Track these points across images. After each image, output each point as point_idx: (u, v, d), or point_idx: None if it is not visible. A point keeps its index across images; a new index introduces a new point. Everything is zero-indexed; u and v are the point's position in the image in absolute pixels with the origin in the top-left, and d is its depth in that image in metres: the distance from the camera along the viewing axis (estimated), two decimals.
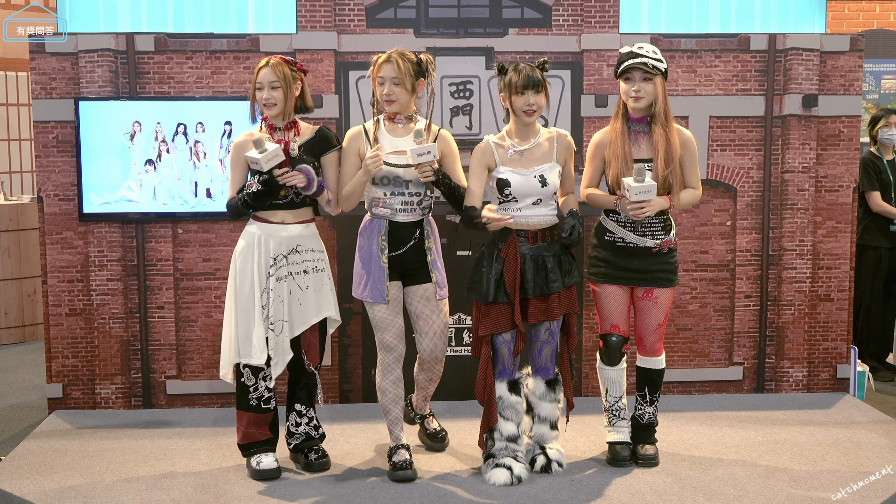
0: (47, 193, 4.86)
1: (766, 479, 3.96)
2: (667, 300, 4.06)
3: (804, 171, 5.13)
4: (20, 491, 3.85)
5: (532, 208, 3.85)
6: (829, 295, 5.19)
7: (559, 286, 3.85)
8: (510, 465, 3.90)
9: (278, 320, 3.89)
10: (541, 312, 3.86)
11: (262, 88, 3.85)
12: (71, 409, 4.92)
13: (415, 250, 3.93)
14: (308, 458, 4.05)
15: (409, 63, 3.83)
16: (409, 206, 3.89)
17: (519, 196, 3.83)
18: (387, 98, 3.84)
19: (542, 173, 3.83)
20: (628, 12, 5.16)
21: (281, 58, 3.90)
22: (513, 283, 3.79)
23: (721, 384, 5.20)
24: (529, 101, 3.75)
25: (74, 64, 4.80)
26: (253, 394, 3.95)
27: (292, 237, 3.93)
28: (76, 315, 4.91)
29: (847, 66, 5.10)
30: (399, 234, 3.92)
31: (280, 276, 3.89)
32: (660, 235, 3.99)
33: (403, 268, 3.96)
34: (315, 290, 3.97)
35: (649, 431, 4.18)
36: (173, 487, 3.89)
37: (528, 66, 3.77)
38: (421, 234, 3.94)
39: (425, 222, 3.96)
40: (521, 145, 3.86)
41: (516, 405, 3.94)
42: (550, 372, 4.02)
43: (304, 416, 4.06)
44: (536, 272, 3.83)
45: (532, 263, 3.83)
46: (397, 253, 3.92)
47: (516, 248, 3.82)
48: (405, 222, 3.91)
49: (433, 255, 3.96)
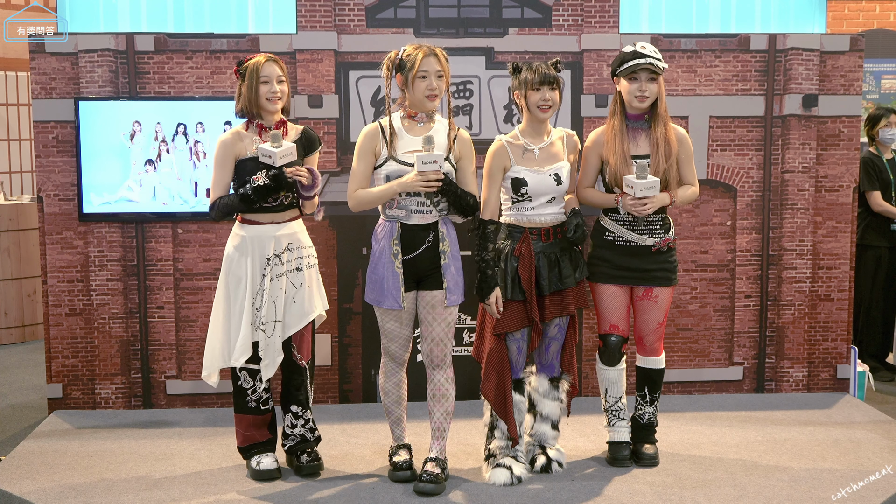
0: (47, 193, 4.86)
1: (766, 479, 3.96)
2: (666, 299, 4.07)
3: (804, 171, 5.13)
4: (20, 491, 3.85)
5: (545, 206, 3.88)
6: (829, 295, 5.19)
7: (572, 281, 3.90)
8: (510, 465, 3.91)
9: (270, 321, 3.85)
10: (556, 308, 3.90)
11: (268, 82, 3.81)
12: (71, 409, 4.92)
13: (428, 253, 3.79)
14: (300, 460, 4.00)
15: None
16: (423, 206, 3.77)
17: (535, 195, 3.85)
18: (431, 93, 3.73)
19: (556, 172, 3.86)
20: (628, 12, 5.16)
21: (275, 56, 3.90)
22: (529, 279, 3.82)
23: (721, 384, 5.20)
24: (545, 97, 3.78)
25: (74, 64, 4.80)
26: (251, 396, 3.94)
27: (283, 236, 3.89)
28: (76, 315, 4.91)
29: (847, 66, 5.10)
30: (411, 237, 3.78)
31: (274, 276, 3.86)
32: (659, 234, 4.00)
33: (418, 274, 3.81)
34: (309, 287, 3.94)
35: (649, 431, 4.18)
36: (173, 487, 3.89)
37: (543, 64, 3.81)
38: (435, 236, 3.80)
39: (440, 223, 3.81)
40: (536, 144, 3.88)
41: (519, 404, 3.96)
42: (555, 369, 4.03)
43: (300, 418, 4.01)
44: (550, 269, 3.87)
45: (546, 260, 3.87)
46: (410, 256, 3.79)
47: (530, 245, 3.85)
48: (418, 224, 3.78)
49: (447, 259, 3.80)
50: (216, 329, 3.94)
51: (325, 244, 4.95)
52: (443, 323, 3.85)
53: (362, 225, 4.91)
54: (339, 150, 4.94)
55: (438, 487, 3.80)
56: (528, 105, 3.83)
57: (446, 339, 3.87)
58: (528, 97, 3.81)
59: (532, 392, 4.04)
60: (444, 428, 3.90)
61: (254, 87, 3.82)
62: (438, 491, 3.79)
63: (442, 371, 3.89)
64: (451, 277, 3.81)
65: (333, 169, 4.93)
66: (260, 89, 3.82)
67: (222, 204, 3.87)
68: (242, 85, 3.85)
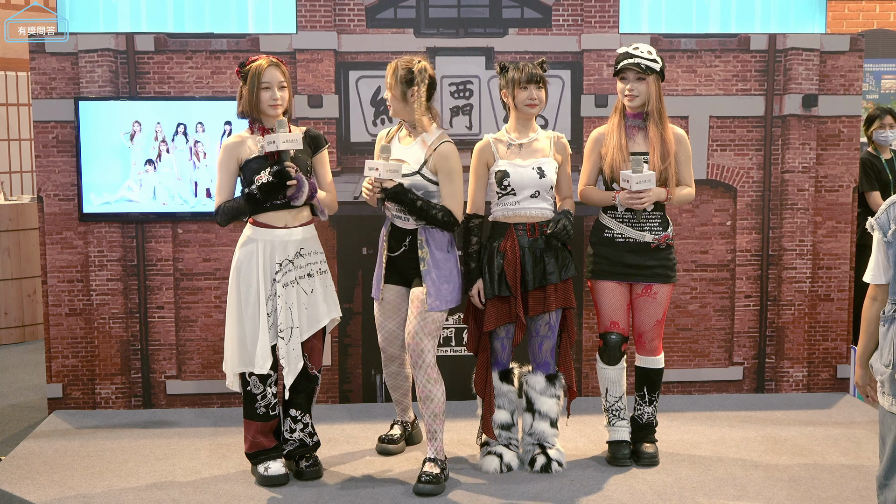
0: (47, 193, 4.86)
1: (766, 479, 3.96)
2: (665, 296, 4.09)
3: (804, 171, 5.13)
4: (20, 491, 3.85)
5: (530, 201, 3.95)
6: (829, 295, 5.19)
7: (556, 278, 3.94)
8: (500, 453, 4.04)
9: (287, 327, 3.84)
10: (538, 304, 3.96)
11: (269, 88, 3.80)
12: (71, 409, 4.92)
13: (407, 257, 3.94)
14: (299, 465, 3.98)
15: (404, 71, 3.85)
16: (403, 213, 3.90)
17: (517, 188, 3.93)
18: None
19: (539, 165, 3.94)
20: (628, 12, 5.17)
21: (277, 58, 3.90)
22: (514, 275, 3.90)
23: (721, 384, 5.20)
24: (532, 96, 3.91)
25: (74, 64, 4.80)
26: (261, 402, 3.91)
27: (296, 241, 3.89)
28: (76, 315, 4.91)
29: (847, 66, 5.10)
30: (396, 237, 3.98)
31: (287, 282, 3.84)
32: (658, 231, 4.04)
33: (402, 273, 3.97)
34: (320, 293, 3.94)
35: (649, 431, 4.19)
36: (173, 487, 3.89)
37: (529, 64, 3.93)
38: (412, 242, 3.91)
39: (420, 232, 3.90)
40: (520, 139, 3.99)
41: (508, 394, 4.07)
42: (551, 367, 4.06)
43: (300, 423, 3.98)
44: (535, 264, 3.93)
45: (531, 256, 3.94)
46: (394, 255, 3.98)
47: (515, 240, 3.93)
48: (400, 228, 3.96)
49: (427, 266, 3.87)
50: (231, 336, 3.90)
51: (325, 244, 4.94)
52: (419, 318, 3.86)
53: (362, 225, 4.91)
54: (339, 150, 4.94)
55: (437, 488, 3.81)
56: (515, 103, 3.95)
57: (422, 334, 3.86)
58: (516, 95, 3.93)
59: (529, 390, 4.07)
60: (435, 430, 3.91)
61: (255, 91, 3.80)
62: (437, 491, 3.80)
63: (422, 371, 3.88)
64: (431, 283, 3.88)
65: (333, 169, 4.93)
66: (261, 95, 3.81)
67: (227, 207, 3.85)
68: (244, 87, 3.84)
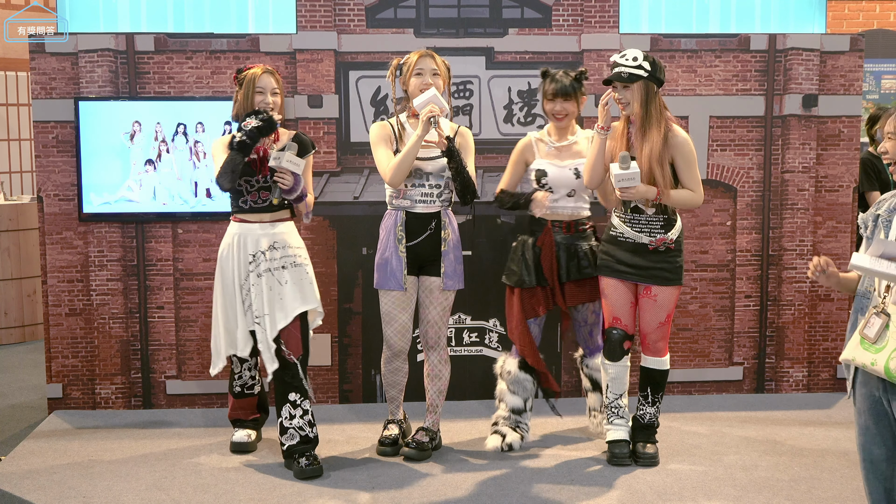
0: (47, 193, 4.86)
1: (766, 479, 3.96)
2: (667, 299, 4.08)
3: (804, 171, 5.13)
4: (20, 491, 3.85)
5: (566, 199, 4.20)
6: (829, 295, 5.19)
7: (592, 272, 4.19)
8: (504, 433, 4.28)
9: (262, 315, 4.03)
10: (577, 295, 4.23)
11: (262, 93, 4.03)
12: (71, 409, 4.92)
13: (431, 240, 4.10)
14: (300, 464, 3.99)
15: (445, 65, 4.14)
16: (428, 197, 4.08)
17: (554, 186, 4.17)
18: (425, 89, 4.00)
19: (576, 166, 4.17)
20: (628, 12, 5.16)
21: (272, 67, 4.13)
22: (550, 268, 4.16)
23: (721, 384, 5.20)
24: (556, 109, 4.15)
25: (74, 64, 4.80)
26: (237, 381, 4.29)
27: (269, 234, 4.07)
28: (76, 315, 4.91)
29: (847, 66, 5.10)
30: (415, 225, 4.09)
31: (260, 273, 4.03)
32: (658, 232, 4.03)
33: (420, 260, 4.12)
34: (294, 284, 4.07)
35: (650, 431, 4.19)
36: (173, 487, 3.89)
37: (564, 76, 4.14)
38: (437, 224, 4.10)
39: (443, 213, 4.11)
40: (558, 142, 4.22)
41: (524, 381, 4.28)
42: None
43: (299, 408, 4.02)
44: (570, 259, 4.18)
45: (566, 251, 4.18)
46: (413, 243, 4.09)
47: (552, 236, 4.18)
48: (422, 213, 4.09)
49: (447, 246, 4.12)
50: (217, 324, 4.19)
51: (325, 244, 4.95)
52: (439, 307, 4.17)
53: (362, 225, 4.91)
54: (339, 150, 4.94)
55: (421, 455, 4.13)
56: (545, 112, 4.23)
57: (441, 321, 4.19)
58: (545, 105, 4.20)
59: (592, 373, 4.39)
60: (437, 404, 4.26)
61: (249, 95, 4.03)
62: (421, 458, 4.12)
63: (436, 352, 4.23)
64: (449, 264, 4.13)
65: (333, 169, 4.93)
66: (255, 98, 4.03)
67: (222, 166, 3.97)
68: (239, 92, 4.07)
